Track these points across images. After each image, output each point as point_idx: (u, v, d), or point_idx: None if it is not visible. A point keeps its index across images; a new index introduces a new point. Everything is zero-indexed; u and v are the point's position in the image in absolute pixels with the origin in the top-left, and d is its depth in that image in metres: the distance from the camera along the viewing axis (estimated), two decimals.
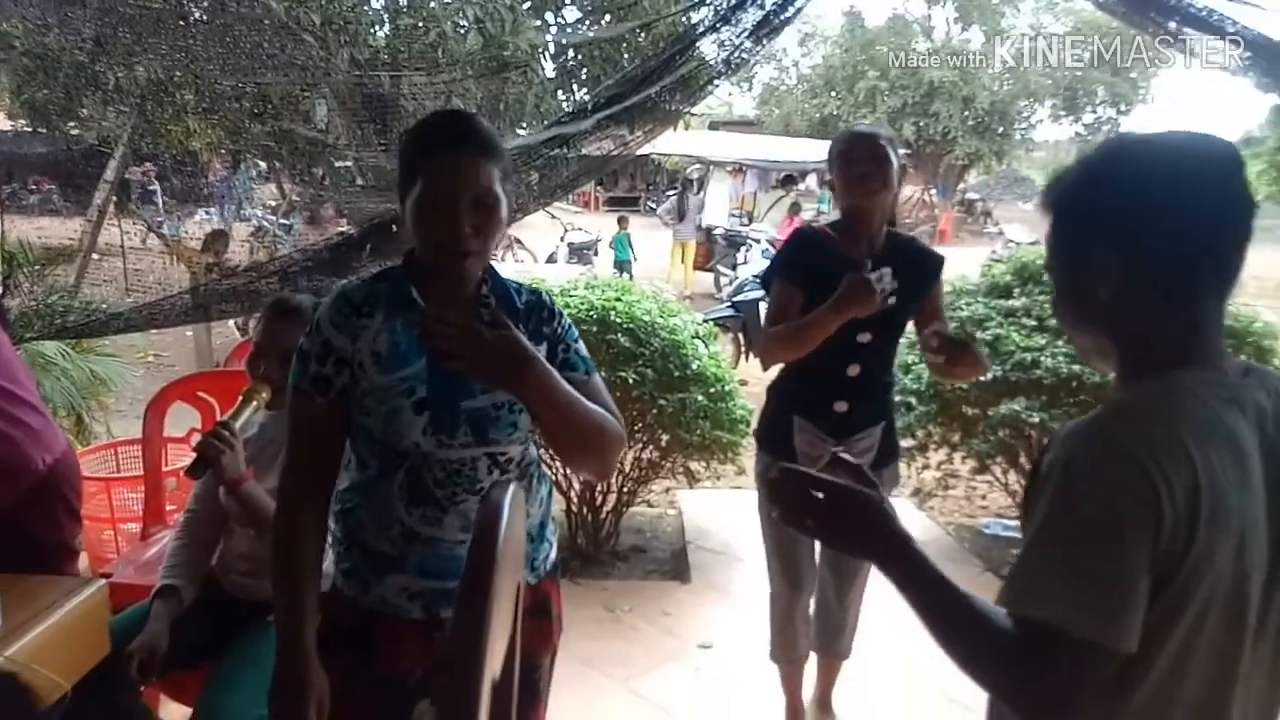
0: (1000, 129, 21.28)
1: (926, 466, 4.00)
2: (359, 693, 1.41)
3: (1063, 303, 1.02)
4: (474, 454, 1.35)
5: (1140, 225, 0.92)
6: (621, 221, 12.47)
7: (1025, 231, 15.52)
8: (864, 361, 2.15)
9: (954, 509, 4.39)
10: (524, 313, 1.40)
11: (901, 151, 2.24)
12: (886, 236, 2.17)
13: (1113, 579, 0.85)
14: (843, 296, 1.97)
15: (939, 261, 2.23)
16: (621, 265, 11.48)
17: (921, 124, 20.48)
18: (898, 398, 3.95)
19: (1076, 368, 3.29)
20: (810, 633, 2.45)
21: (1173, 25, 3.15)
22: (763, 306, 2.35)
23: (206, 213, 9.88)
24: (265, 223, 10.20)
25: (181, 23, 3.48)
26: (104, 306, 3.57)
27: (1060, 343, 3.39)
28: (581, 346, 1.44)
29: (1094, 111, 22.80)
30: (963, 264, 4.65)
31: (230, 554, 2.01)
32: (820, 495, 1.00)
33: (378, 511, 1.37)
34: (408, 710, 1.42)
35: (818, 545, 2.35)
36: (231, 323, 8.35)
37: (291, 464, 1.38)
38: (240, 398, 1.84)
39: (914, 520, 4.19)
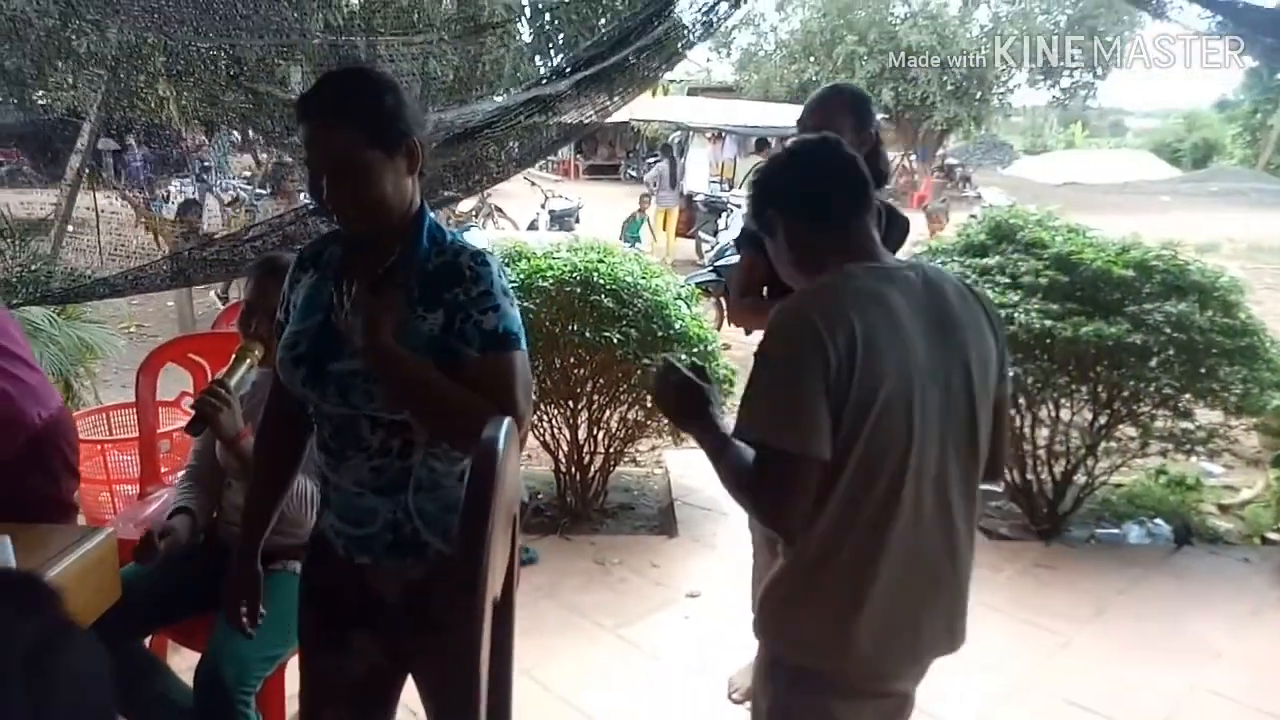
0: (978, 94, 21.31)
1: None
2: (309, 604, 1.54)
3: (777, 260, 1.47)
4: (350, 413, 1.36)
5: (788, 189, 1.42)
6: (643, 202, 11.73)
7: (1003, 196, 15.61)
8: None
9: None
10: (427, 277, 1.35)
11: (880, 117, 2.29)
12: None
13: (795, 403, 1.23)
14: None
15: (903, 225, 2.22)
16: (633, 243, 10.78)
17: (900, 89, 20.48)
18: None
19: (1049, 323, 3.36)
20: None
21: None
22: None
23: (180, 182, 9.76)
24: (242, 192, 10.10)
25: None
26: (88, 272, 3.57)
27: (1034, 300, 3.47)
28: (493, 319, 1.34)
29: (1071, 75, 22.85)
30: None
31: (229, 507, 2.06)
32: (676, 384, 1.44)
33: (314, 451, 1.48)
34: (344, 630, 1.47)
35: None
36: (212, 293, 8.33)
37: (269, 396, 1.57)
38: (234, 356, 1.88)
39: None
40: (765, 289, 2.32)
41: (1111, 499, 3.93)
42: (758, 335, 2.43)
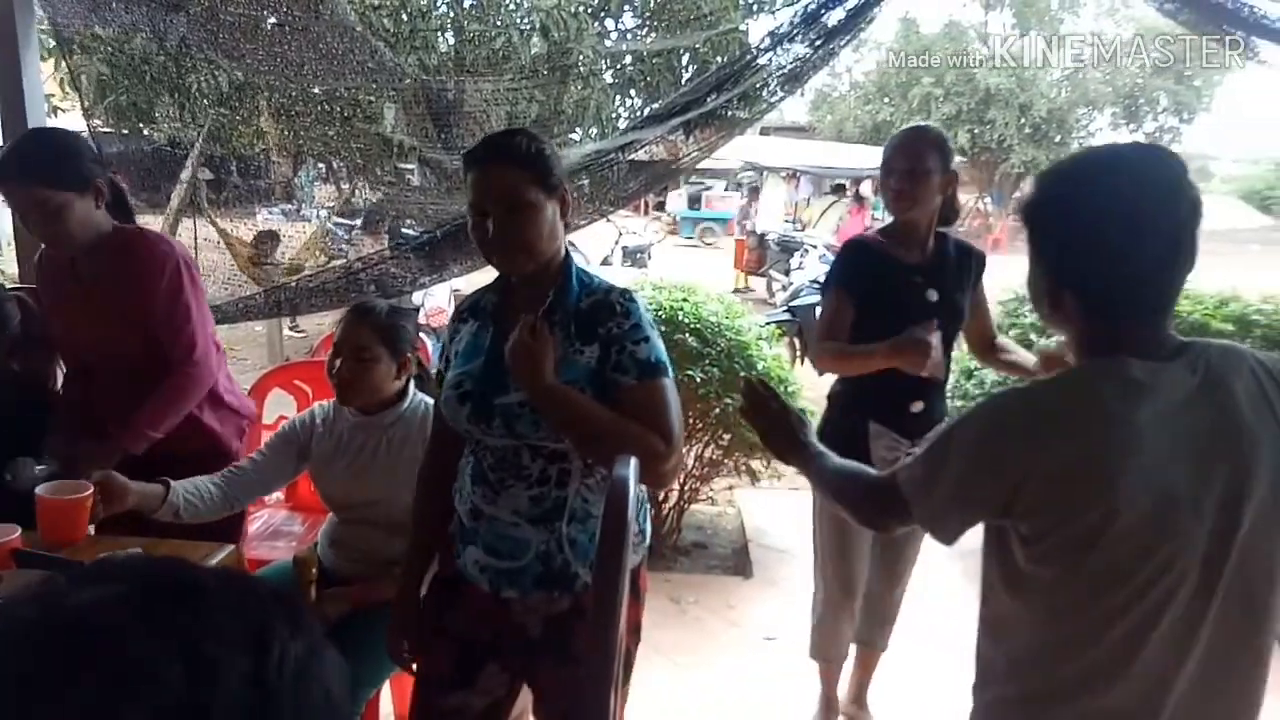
0: (1058, 137, 21.01)
1: None
2: (437, 644, 1.60)
3: (1030, 292, 1.20)
4: (513, 444, 1.46)
5: (1085, 266, 1.08)
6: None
7: None
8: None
9: None
10: (580, 314, 1.45)
11: (956, 159, 2.29)
12: (936, 239, 2.23)
13: (949, 488, 1.13)
14: (900, 346, 2.03)
15: (982, 258, 2.30)
16: None
17: (976, 131, 20.32)
18: (959, 402, 4.01)
19: None
20: (854, 627, 2.51)
21: (1241, 35, 3.14)
22: (819, 311, 2.44)
23: (269, 212, 10.19)
24: (330, 225, 10.47)
25: (277, 28, 3.65)
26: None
27: None
28: (645, 349, 1.43)
29: (1155, 120, 22.42)
30: (1021, 274, 4.64)
31: (330, 539, 2.13)
32: (773, 407, 1.47)
33: (462, 485, 1.56)
34: (475, 667, 1.55)
35: (868, 548, 2.40)
36: (287, 326, 8.61)
37: (429, 439, 1.70)
38: (298, 577, 1.95)
39: None
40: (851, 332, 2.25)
41: None
42: (830, 377, 2.46)
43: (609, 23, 8.62)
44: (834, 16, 3.09)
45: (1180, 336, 1.10)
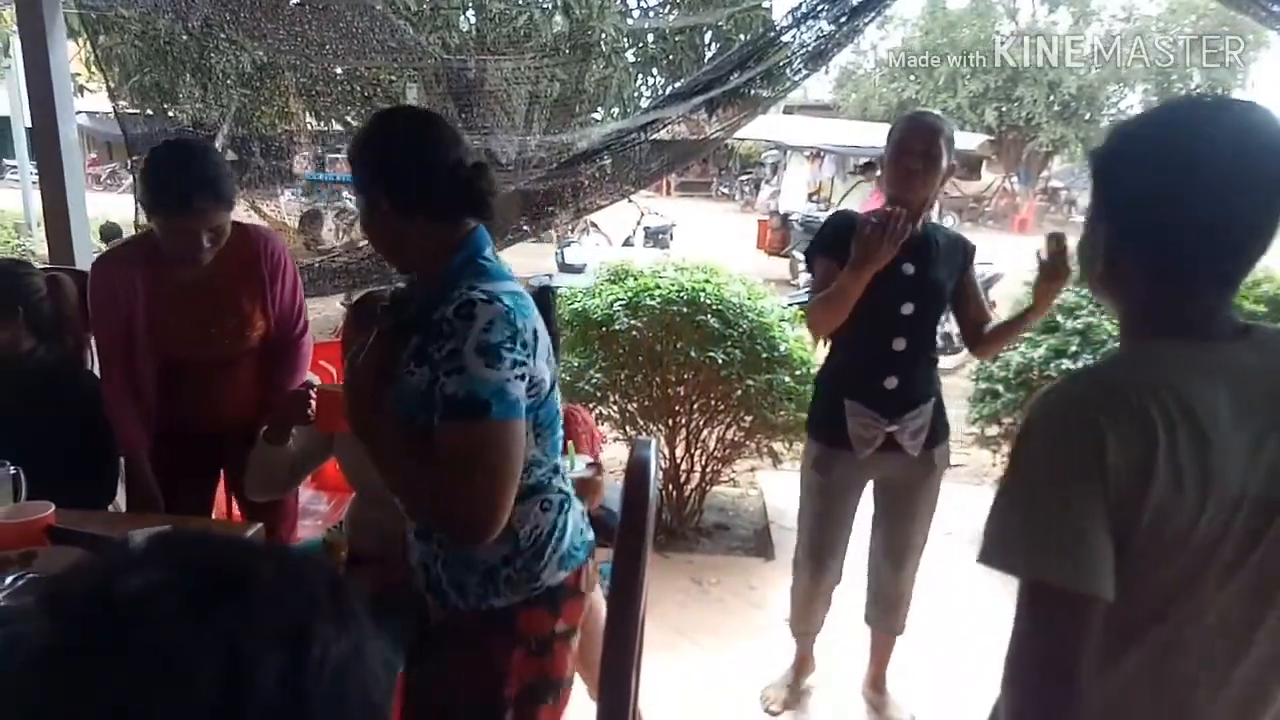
0: (1088, 115, 20.62)
1: None
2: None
3: (1081, 256, 1.03)
4: None
5: (1158, 219, 0.92)
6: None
7: None
8: (909, 334, 2.20)
9: None
10: (431, 328, 1.25)
11: (982, 139, 2.31)
12: (922, 226, 2.22)
13: (1063, 528, 0.87)
14: (858, 253, 2.03)
15: (970, 248, 2.33)
16: None
17: (1004, 109, 19.99)
18: (983, 385, 3.97)
19: None
20: (828, 604, 2.56)
21: (1277, 9, 3.07)
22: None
23: (291, 194, 10.25)
24: (349, 203, 10.52)
25: (298, 8, 3.65)
26: None
27: None
28: (455, 383, 1.19)
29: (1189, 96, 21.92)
30: None
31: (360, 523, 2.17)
32: None
33: None
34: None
35: (848, 520, 2.43)
36: (339, 301, 8.69)
37: None
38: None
39: None
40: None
41: None
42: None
43: (631, 0, 8.56)
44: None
45: (1241, 320, 0.97)
